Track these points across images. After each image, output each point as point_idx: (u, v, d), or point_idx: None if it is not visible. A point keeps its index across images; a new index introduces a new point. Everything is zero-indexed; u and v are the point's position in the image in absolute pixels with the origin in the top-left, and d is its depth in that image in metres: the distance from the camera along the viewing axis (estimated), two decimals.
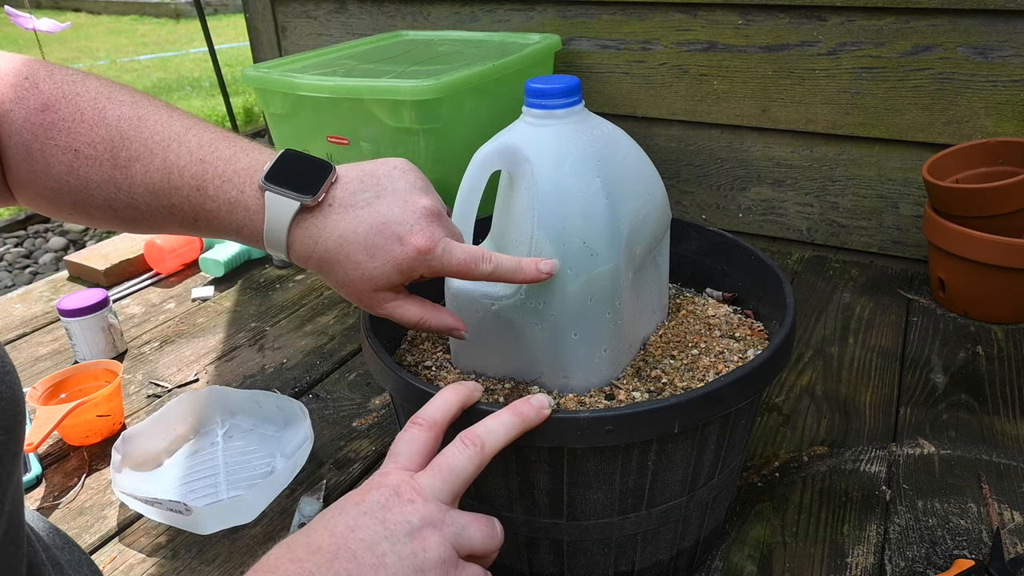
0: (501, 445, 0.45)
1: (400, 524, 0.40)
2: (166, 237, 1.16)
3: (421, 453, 0.44)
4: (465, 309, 0.58)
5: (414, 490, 0.42)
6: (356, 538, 0.39)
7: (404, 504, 0.41)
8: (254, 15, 1.57)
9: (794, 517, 0.66)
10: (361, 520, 0.40)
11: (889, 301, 1.02)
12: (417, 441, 0.45)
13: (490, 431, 0.45)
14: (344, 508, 0.41)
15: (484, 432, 0.45)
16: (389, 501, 0.41)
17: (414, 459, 0.44)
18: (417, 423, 0.46)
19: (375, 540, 0.39)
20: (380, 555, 0.39)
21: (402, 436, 0.45)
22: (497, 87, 1.03)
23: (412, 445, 0.45)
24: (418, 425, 0.46)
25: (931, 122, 1.05)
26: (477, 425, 0.45)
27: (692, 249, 0.72)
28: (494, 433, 0.45)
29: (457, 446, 0.44)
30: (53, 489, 0.73)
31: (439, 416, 0.46)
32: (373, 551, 0.39)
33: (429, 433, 0.45)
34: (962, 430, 0.76)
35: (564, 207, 0.53)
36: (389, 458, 0.45)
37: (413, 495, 0.42)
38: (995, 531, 0.61)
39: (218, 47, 2.08)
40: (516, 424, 0.46)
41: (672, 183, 1.26)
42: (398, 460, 0.44)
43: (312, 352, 0.95)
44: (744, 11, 1.10)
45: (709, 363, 0.60)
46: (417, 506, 0.41)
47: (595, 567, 0.55)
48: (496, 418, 0.46)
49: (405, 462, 0.44)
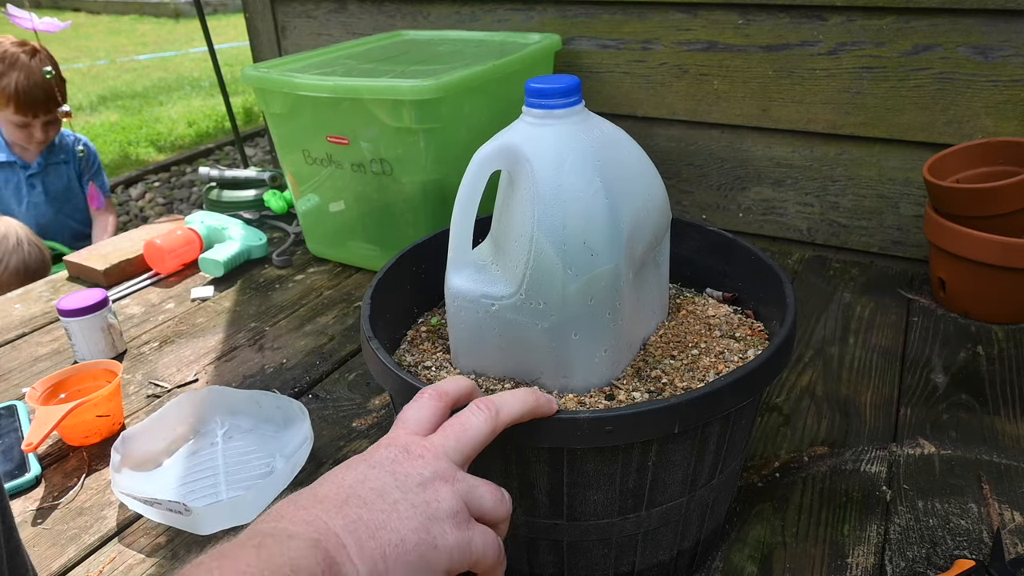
0: (514, 417, 0.44)
1: (411, 476, 0.40)
2: (165, 237, 1.16)
3: (432, 420, 0.44)
4: (465, 309, 0.58)
5: (424, 447, 0.41)
6: (366, 487, 0.39)
7: (414, 459, 0.41)
8: (254, 15, 1.57)
9: (794, 517, 0.66)
10: (370, 473, 0.39)
11: (889, 301, 1.01)
12: (427, 408, 0.44)
13: (505, 401, 0.45)
14: (351, 465, 0.41)
15: (500, 401, 0.44)
16: (399, 456, 0.41)
17: (424, 424, 0.43)
18: (428, 393, 0.45)
19: (385, 489, 0.39)
20: (392, 502, 0.38)
21: (411, 404, 0.45)
22: (497, 87, 1.03)
23: (423, 412, 0.44)
24: (428, 395, 0.45)
25: (931, 122, 1.05)
26: (493, 396, 0.45)
27: (692, 249, 0.72)
28: (509, 404, 0.44)
29: (472, 409, 0.44)
30: (52, 489, 0.73)
31: (450, 389, 0.46)
32: (384, 498, 0.38)
33: (440, 403, 0.45)
34: (962, 430, 0.76)
35: (564, 207, 0.53)
36: (397, 423, 0.44)
37: (423, 451, 0.41)
38: (995, 531, 0.61)
39: (218, 47, 2.08)
40: (530, 402, 0.45)
41: (672, 183, 1.26)
42: (408, 425, 0.43)
43: (312, 352, 0.95)
44: (744, 11, 1.10)
45: (709, 363, 0.60)
46: (427, 460, 0.41)
47: (595, 568, 0.54)
48: (511, 393, 0.46)
49: (415, 427, 0.43)
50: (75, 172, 2.10)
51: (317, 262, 1.20)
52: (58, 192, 2.06)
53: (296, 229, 1.29)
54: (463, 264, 0.58)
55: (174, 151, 4.47)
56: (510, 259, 0.56)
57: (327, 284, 1.13)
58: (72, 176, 2.09)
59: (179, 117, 5.03)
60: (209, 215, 1.24)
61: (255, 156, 4.24)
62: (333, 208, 1.11)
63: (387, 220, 1.06)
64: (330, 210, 1.11)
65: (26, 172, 2.00)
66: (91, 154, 2.13)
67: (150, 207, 3.69)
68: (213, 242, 1.20)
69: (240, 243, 1.18)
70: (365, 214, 1.08)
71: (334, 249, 1.18)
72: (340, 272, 1.16)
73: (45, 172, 2.02)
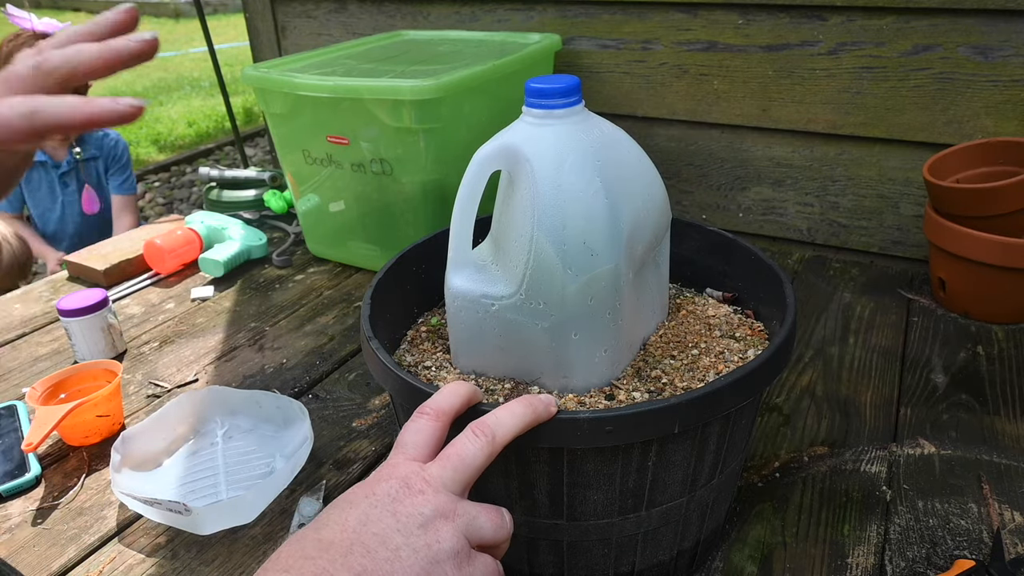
0: (512, 436, 0.45)
1: (412, 516, 0.40)
2: (165, 237, 1.16)
3: (429, 444, 0.44)
4: (465, 309, 0.58)
5: (424, 481, 0.42)
6: (369, 532, 0.39)
7: (415, 495, 0.41)
8: (254, 15, 1.57)
9: (794, 517, 0.66)
10: (372, 513, 0.40)
11: (889, 301, 1.01)
12: (425, 431, 0.44)
13: (501, 422, 0.45)
14: (353, 501, 0.41)
15: (495, 423, 0.44)
16: (400, 493, 0.41)
17: (422, 449, 0.44)
18: (425, 413, 0.45)
19: (387, 533, 0.39)
20: (394, 549, 0.39)
21: (409, 426, 0.45)
22: (497, 87, 1.03)
23: (420, 435, 0.44)
24: (426, 415, 0.45)
25: (931, 122, 1.05)
26: (487, 416, 0.45)
27: (692, 249, 0.72)
28: (504, 424, 0.45)
29: (468, 436, 0.44)
30: (52, 489, 0.73)
31: (446, 406, 0.46)
32: (386, 545, 0.39)
33: (437, 423, 0.45)
34: (962, 430, 0.76)
35: (564, 207, 0.53)
36: (397, 448, 0.44)
37: (423, 486, 0.41)
38: (995, 531, 0.61)
39: (218, 47, 2.08)
40: (527, 415, 0.45)
41: (672, 183, 1.26)
42: (406, 450, 0.44)
43: (312, 352, 0.95)
44: (744, 11, 1.10)
45: (709, 363, 0.60)
46: (428, 497, 0.41)
47: (595, 568, 0.54)
48: (506, 409, 0.45)
49: (413, 452, 0.43)
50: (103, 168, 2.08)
51: (317, 262, 1.20)
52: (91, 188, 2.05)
53: (296, 229, 1.29)
54: (463, 264, 0.58)
55: (174, 151, 4.47)
56: (510, 259, 0.56)
57: (327, 284, 1.13)
58: (102, 172, 2.08)
59: (179, 117, 5.03)
60: (209, 215, 1.24)
61: (255, 156, 4.25)
62: (333, 208, 1.11)
63: (387, 220, 1.06)
64: (330, 210, 1.11)
65: (58, 171, 1.99)
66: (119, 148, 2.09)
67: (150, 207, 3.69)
68: (213, 242, 1.20)
69: (240, 243, 1.18)
70: (365, 214, 1.08)
71: (334, 249, 1.18)
72: (340, 272, 1.16)
73: (76, 169, 2.01)
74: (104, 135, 2.06)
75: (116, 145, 2.08)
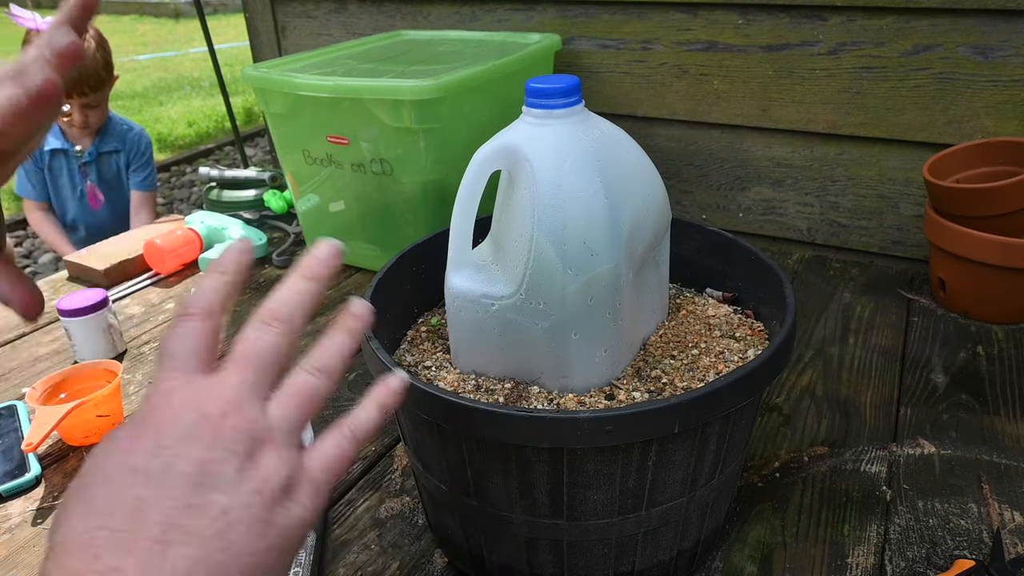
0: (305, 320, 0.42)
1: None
2: (165, 237, 1.16)
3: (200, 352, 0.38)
4: (465, 309, 0.58)
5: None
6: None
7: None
8: (254, 15, 1.57)
9: (794, 517, 0.66)
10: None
11: (889, 301, 1.02)
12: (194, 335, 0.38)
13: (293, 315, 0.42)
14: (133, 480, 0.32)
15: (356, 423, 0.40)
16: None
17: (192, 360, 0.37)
18: (190, 314, 0.38)
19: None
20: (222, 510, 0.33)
21: (175, 332, 0.38)
22: (497, 87, 1.03)
23: (187, 342, 0.37)
24: (190, 316, 0.38)
25: (931, 122, 1.05)
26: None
27: (692, 249, 0.72)
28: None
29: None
30: (52, 489, 0.73)
31: (216, 303, 0.40)
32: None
33: (206, 323, 0.39)
34: (962, 430, 0.76)
35: (564, 207, 0.53)
36: (165, 360, 0.37)
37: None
38: (995, 531, 0.61)
39: (218, 47, 2.08)
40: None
41: (672, 183, 1.26)
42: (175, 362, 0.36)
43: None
44: (744, 11, 1.10)
45: (709, 363, 0.60)
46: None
47: (595, 568, 0.54)
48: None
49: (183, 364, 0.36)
50: (124, 162, 2.06)
51: None
52: (110, 181, 2.03)
53: (296, 229, 1.29)
54: (463, 264, 0.58)
55: (174, 151, 4.47)
56: (510, 259, 0.56)
57: None
58: (122, 166, 2.05)
59: (179, 117, 5.03)
60: (209, 215, 1.24)
61: (255, 156, 4.25)
62: (333, 208, 1.11)
63: (387, 220, 1.06)
64: (330, 210, 1.11)
65: (79, 161, 1.98)
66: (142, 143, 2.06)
67: None
68: (213, 242, 1.20)
69: None
70: (365, 214, 1.08)
71: None
72: (340, 272, 1.16)
73: (97, 161, 2.00)
74: (128, 129, 2.03)
75: (139, 140, 2.05)
